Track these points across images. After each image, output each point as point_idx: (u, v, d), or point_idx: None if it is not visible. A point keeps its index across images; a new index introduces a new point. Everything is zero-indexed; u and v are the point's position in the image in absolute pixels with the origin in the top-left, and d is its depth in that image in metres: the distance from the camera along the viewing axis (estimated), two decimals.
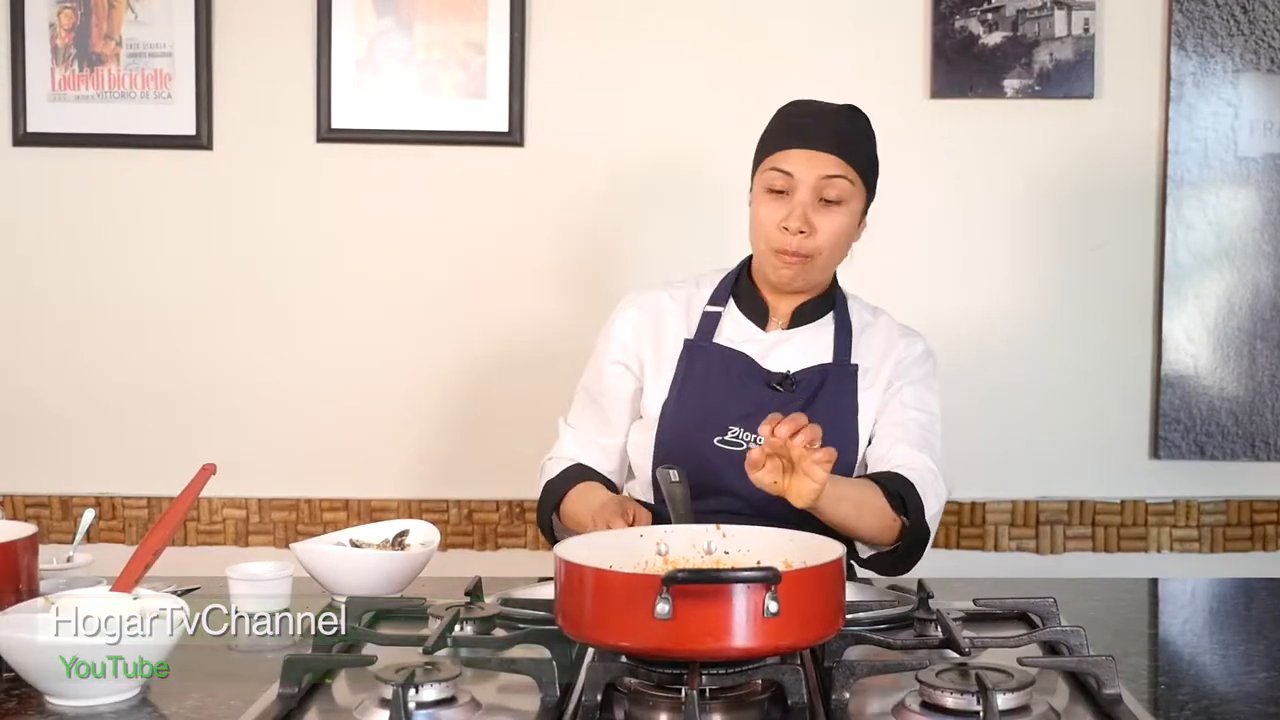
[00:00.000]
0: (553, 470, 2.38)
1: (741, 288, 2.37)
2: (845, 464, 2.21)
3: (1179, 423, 3.29)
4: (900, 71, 3.28)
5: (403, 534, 2.18)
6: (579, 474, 2.34)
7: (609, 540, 1.69)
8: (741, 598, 1.39)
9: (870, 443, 2.28)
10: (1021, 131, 3.28)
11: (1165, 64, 3.26)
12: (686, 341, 2.32)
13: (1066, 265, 3.30)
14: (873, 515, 2.07)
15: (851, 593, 1.75)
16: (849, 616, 1.67)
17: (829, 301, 2.36)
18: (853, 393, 2.28)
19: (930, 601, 1.78)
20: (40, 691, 1.55)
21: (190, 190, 3.33)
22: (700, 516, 2.07)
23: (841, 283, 2.42)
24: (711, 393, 2.25)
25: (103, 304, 3.34)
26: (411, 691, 1.41)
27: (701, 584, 1.39)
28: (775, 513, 1.96)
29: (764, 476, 1.83)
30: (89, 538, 2.30)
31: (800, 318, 2.33)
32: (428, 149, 3.30)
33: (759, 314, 2.34)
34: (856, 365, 2.30)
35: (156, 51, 3.29)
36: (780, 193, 2.24)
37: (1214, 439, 3.29)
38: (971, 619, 1.81)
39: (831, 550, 1.55)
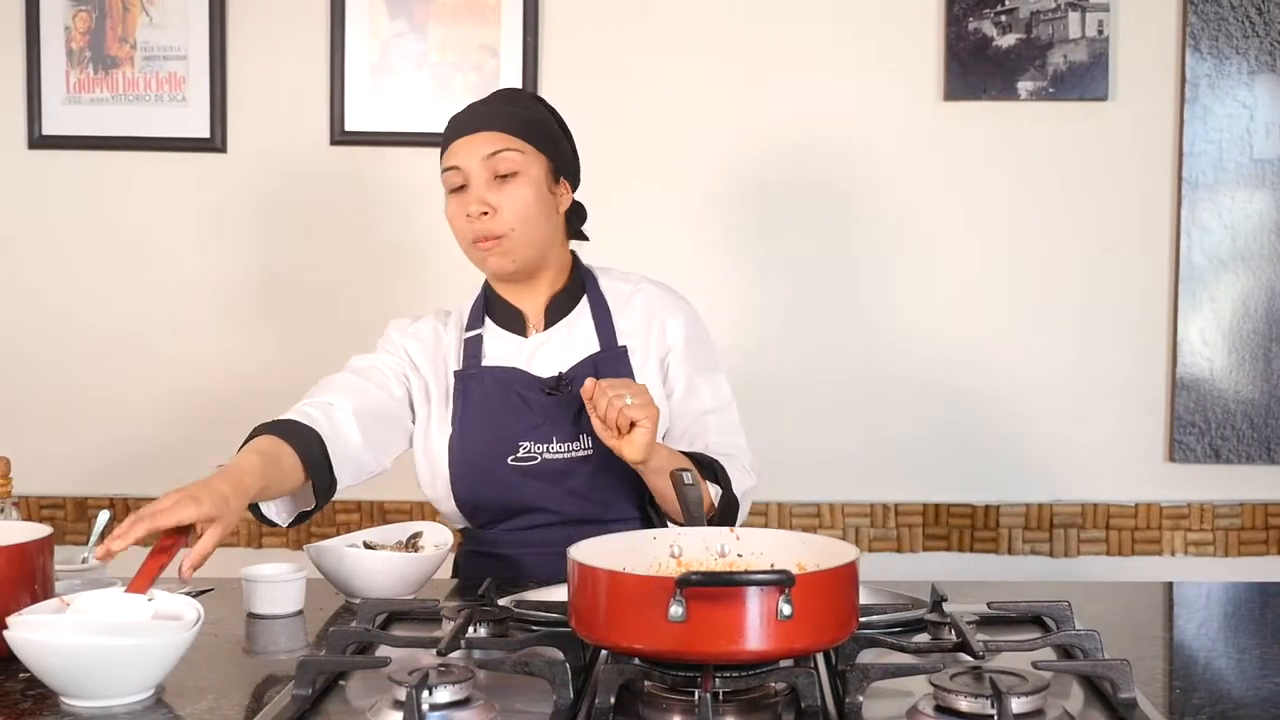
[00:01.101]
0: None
1: (492, 303, 2.35)
2: None
3: (1194, 426, 3.28)
4: (914, 74, 3.28)
5: (416, 536, 2.18)
6: (261, 430, 2.14)
7: (622, 542, 1.68)
8: (755, 600, 1.39)
9: (668, 431, 2.28)
10: (1036, 134, 3.27)
11: (1180, 66, 3.26)
12: (456, 373, 2.29)
13: (1080, 268, 3.30)
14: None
15: (865, 596, 1.74)
16: (863, 620, 1.66)
17: (578, 287, 2.35)
18: (629, 372, 2.27)
19: (944, 605, 1.78)
20: (55, 692, 1.55)
21: (204, 193, 3.34)
22: (510, 534, 2.20)
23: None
24: (493, 415, 2.23)
25: (117, 306, 3.35)
26: (425, 693, 1.40)
27: (715, 586, 1.39)
28: (589, 518, 2.10)
29: (600, 431, 2.01)
30: (103, 539, 2.31)
31: (555, 313, 2.31)
32: None
33: (515, 323, 2.32)
34: (625, 346, 2.29)
35: (171, 54, 3.30)
36: (459, 189, 2.23)
37: (1229, 442, 3.29)
38: (985, 622, 1.81)
39: (846, 553, 1.55)
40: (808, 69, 3.28)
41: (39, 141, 3.32)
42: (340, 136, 3.30)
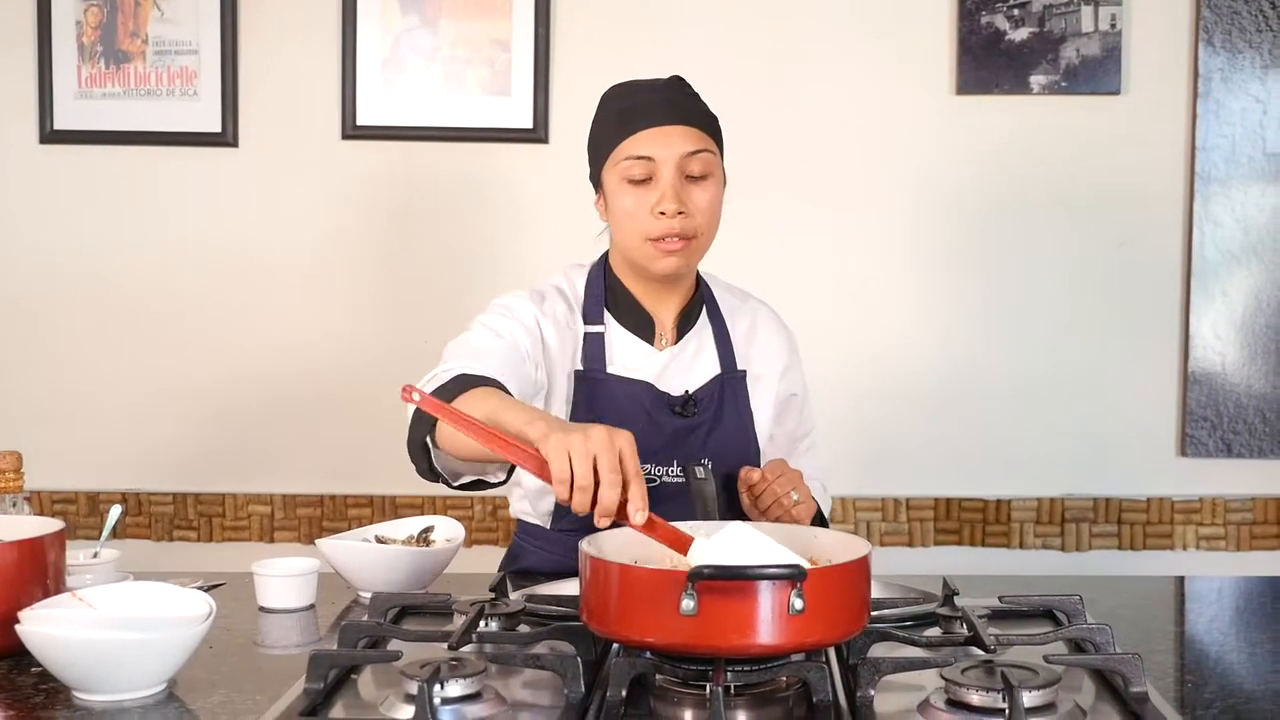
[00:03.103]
0: (433, 384, 1.89)
1: (618, 299, 2.19)
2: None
3: (1206, 420, 3.28)
4: (926, 68, 3.27)
5: (428, 530, 2.18)
6: (474, 381, 1.85)
7: (634, 536, 1.68)
8: (767, 594, 1.39)
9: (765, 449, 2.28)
10: (1048, 128, 3.27)
11: (1193, 60, 3.25)
12: (578, 373, 2.13)
13: (1093, 262, 3.29)
14: None
15: (876, 590, 1.74)
16: (874, 614, 1.66)
17: (700, 299, 2.25)
18: (746, 400, 2.22)
19: (955, 599, 1.78)
20: (68, 686, 1.56)
21: (216, 187, 3.34)
22: None
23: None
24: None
25: (129, 301, 3.35)
26: (436, 687, 1.41)
27: (727, 580, 1.39)
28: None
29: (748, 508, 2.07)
30: (116, 533, 2.31)
31: (684, 326, 2.21)
32: (452, 146, 3.31)
33: (644, 329, 2.18)
34: (744, 371, 2.24)
35: (182, 49, 3.30)
36: (642, 181, 2.07)
37: (1241, 436, 3.28)
38: (997, 616, 1.81)
39: (857, 547, 1.55)
40: (821, 63, 3.28)
41: (50, 136, 3.33)
42: (352, 131, 3.30)
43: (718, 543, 1.53)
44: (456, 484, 1.97)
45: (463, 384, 1.83)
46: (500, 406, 1.71)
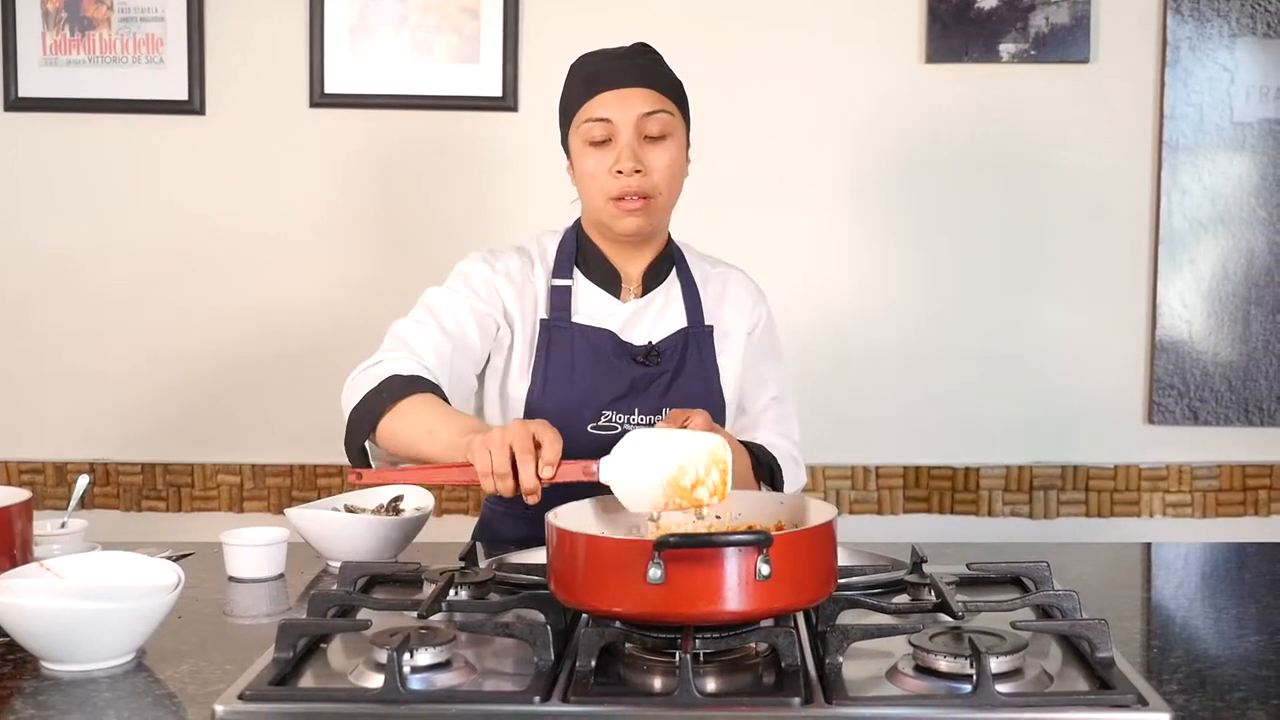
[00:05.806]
0: (369, 383, 2.01)
1: (587, 256, 2.25)
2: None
3: (1173, 388, 3.30)
4: (896, 36, 3.27)
5: (397, 499, 2.18)
6: (410, 386, 1.97)
7: (600, 505, 1.68)
8: (733, 561, 1.39)
9: (733, 409, 2.30)
10: (1017, 96, 3.27)
11: (1162, 28, 3.25)
12: (543, 321, 2.19)
13: (1061, 231, 3.30)
14: (741, 482, 2.04)
15: (844, 557, 1.75)
16: (842, 580, 1.67)
17: (669, 258, 2.29)
18: (712, 355, 2.25)
19: (923, 566, 1.79)
20: (36, 656, 1.55)
21: (183, 155, 3.32)
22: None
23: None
24: (579, 376, 2.15)
25: (96, 270, 3.33)
26: (406, 655, 1.41)
27: (693, 549, 1.40)
28: None
29: None
30: (83, 503, 2.30)
31: (651, 281, 2.25)
32: (421, 114, 3.29)
33: (611, 283, 2.23)
34: (712, 326, 2.27)
35: (148, 16, 3.27)
36: (601, 142, 2.13)
37: (1208, 404, 3.30)
38: (965, 583, 1.82)
39: (823, 513, 1.56)
40: (790, 32, 3.27)
41: (15, 104, 3.30)
42: (320, 99, 3.28)
43: (619, 454, 1.62)
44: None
45: (397, 388, 1.96)
46: (436, 420, 1.87)
